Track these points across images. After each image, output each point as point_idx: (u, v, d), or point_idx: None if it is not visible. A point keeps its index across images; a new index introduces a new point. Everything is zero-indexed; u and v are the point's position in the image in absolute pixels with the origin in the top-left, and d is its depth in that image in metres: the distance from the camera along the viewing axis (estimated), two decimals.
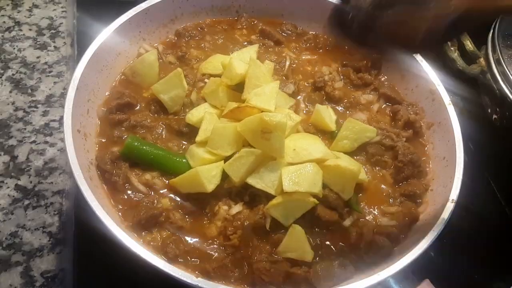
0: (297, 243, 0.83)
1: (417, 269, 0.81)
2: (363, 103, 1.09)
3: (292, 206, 0.84)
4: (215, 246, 0.84)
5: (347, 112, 1.06)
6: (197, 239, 0.85)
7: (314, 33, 1.20)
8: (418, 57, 1.08)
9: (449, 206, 0.87)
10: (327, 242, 0.87)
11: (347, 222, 0.89)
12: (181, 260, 0.82)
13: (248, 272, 0.82)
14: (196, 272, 0.79)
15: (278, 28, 1.19)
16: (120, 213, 0.85)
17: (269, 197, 0.85)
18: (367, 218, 0.92)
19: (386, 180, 0.97)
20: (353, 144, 0.97)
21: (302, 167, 0.85)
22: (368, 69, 1.13)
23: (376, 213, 0.93)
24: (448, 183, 0.91)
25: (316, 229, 0.88)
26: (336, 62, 1.15)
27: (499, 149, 1.13)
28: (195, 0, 1.13)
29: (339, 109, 1.06)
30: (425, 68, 1.07)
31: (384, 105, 1.09)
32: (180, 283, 0.73)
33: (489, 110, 1.11)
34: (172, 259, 0.80)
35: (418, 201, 0.95)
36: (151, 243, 0.83)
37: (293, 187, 0.82)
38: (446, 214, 0.86)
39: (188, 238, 0.85)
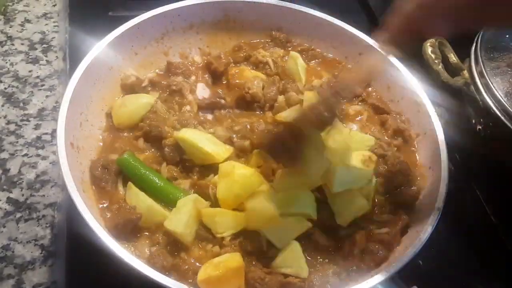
0: (293, 259, 0.84)
1: (405, 276, 0.83)
2: (352, 114, 1.11)
3: (286, 227, 0.85)
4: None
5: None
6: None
7: (305, 45, 1.22)
8: (404, 70, 1.11)
9: (435, 214, 0.89)
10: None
11: (341, 233, 0.91)
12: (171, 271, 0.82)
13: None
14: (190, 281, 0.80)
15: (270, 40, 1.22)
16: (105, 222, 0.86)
17: None
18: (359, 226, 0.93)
19: (377, 189, 0.98)
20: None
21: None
22: None
23: (369, 221, 0.94)
24: (434, 192, 0.93)
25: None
26: (327, 74, 1.17)
27: (484, 159, 1.16)
28: (186, 15, 1.15)
29: None
30: (411, 81, 1.10)
31: (372, 115, 1.12)
32: None
33: (473, 121, 1.13)
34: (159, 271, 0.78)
35: (408, 209, 0.96)
36: (138, 254, 0.83)
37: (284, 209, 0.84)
38: (432, 222, 0.87)
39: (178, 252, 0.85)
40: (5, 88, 1.16)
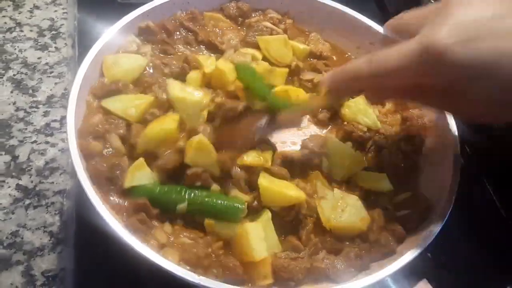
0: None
1: (415, 269, 0.83)
2: None
3: None
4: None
5: None
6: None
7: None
8: None
9: (446, 208, 0.87)
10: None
11: None
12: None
13: None
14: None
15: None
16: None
17: None
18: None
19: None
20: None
21: None
22: None
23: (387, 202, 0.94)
24: (445, 185, 0.92)
25: None
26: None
27: (495, 152, 1.15)
28: (196, 2, 1.14)
29: None
30: None
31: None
32: (182, 281, 0.74)
33: None
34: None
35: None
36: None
37: None
38: (443, 215, 0.86)
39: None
40: (14, 75, 1.16)
